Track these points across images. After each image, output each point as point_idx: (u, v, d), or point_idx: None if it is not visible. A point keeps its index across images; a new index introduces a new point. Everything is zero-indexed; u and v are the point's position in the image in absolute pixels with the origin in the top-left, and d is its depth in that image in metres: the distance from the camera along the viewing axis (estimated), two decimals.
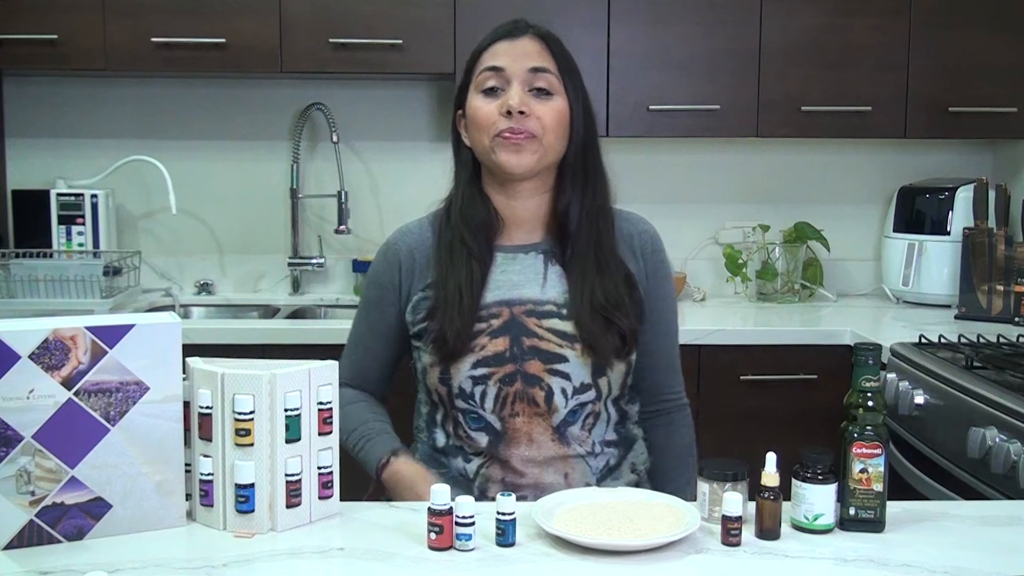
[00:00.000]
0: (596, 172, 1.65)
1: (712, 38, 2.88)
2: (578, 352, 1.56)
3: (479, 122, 1.58)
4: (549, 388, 1.56)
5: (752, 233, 3.21)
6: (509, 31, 1.61)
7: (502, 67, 1.58)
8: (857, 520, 1.32)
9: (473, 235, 1.61)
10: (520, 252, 1.63)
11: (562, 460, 1.57)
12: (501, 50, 1.60)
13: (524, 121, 1.55)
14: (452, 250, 1.61)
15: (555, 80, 1.59)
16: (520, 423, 1.56)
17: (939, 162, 3.26)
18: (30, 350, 1.22)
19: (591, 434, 1.59)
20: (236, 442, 1.28)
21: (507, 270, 1.62)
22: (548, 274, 1.61)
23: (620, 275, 1.61)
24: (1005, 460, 1.78)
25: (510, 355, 1.56)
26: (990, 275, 2.82)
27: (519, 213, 1.64)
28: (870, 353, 1.32)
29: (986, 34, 2.90)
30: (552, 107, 1.58)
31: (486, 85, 1.59)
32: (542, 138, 1.56)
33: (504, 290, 1.60)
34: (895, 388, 2.25)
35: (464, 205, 1.63)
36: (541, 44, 1.61)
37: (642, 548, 1.24)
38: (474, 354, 1.56)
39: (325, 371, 1.34)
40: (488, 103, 1.58)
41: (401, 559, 1.22)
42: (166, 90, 3.15)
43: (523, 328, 1.57)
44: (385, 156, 3.22)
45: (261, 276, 3.25)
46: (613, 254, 1.63)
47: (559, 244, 1.63)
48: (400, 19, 2.82)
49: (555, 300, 1.59)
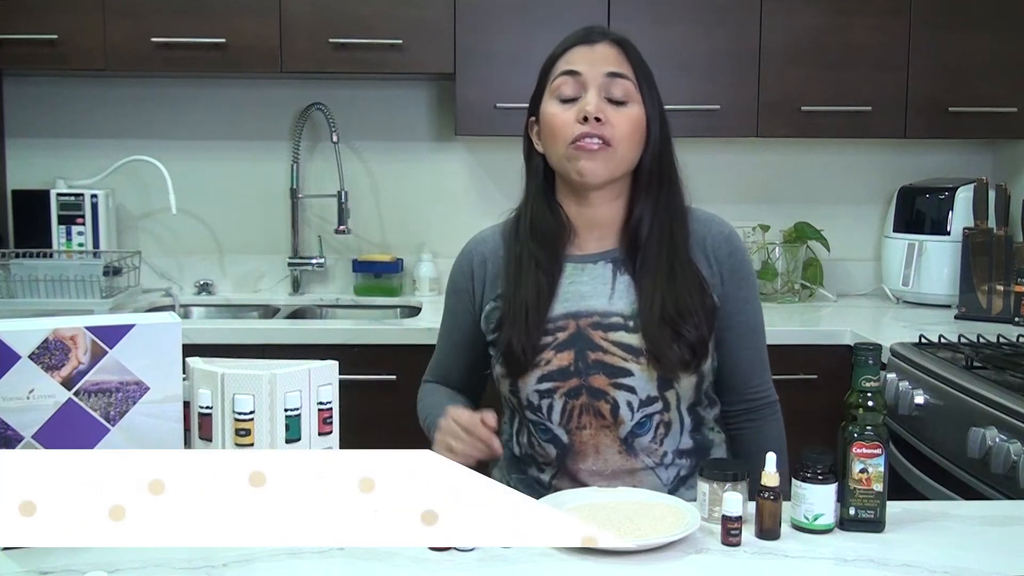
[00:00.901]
0: (671, 178, 1.63)
1: (712, 38, 2.88)
2: (643, 366, 1.54)
3: (555, 129, 1.56)
4: (615, 401, 1.54)
5: (752, 233, 3.21)
6: (585, 36, 1.59)
7: (579, 71, 1.56)
8: (857, 520, 1.32)
9: (542, 248, 1.59)
10: (589, 262, 1.61)
11: (630, 473, 1.56)
12: (577, 56, 1.57)
13: (600, 128, 1.53)
14: (520, 263, 1.59)
15: (632, 87, 1.57)
16: (587, 436, 1.55)
17: (939, 162, 3.26)
18: (30, 350, 1.22)
19: (663, 444, 1.57)
20: (236, 442, 1.28)
21: (575, 281, 1.59)
22: (616, 284, 1.59)
23: (693, 282, 1.58)
24: (1005, 460, 1.78)
25: (575, 369, 1.54)
26: (990, 275, 2.82)
27: (592, 220, 1.61)
28: (870, 353, 1.32)
29: (986, 34, 2.90)
30: (628, 115, 1.56)
31: (562, 90, 1.56)
32: (616, 147, 1.54)
33: (572, 302, 1.58)
34: (895, 388, 2.25)
35: (535, 215, 1.61)
36: (618, 49, 1.59)
37: (642, 548, 1.24)
38: (539, 368, 1.55)
39: (325, 371, 1.34)
40: (565, 110, 1.56)
41: (401, 559, 1.22)
42: (166, 90, 3.15)
43: (588, 342, 1.55)
44: (385, 156, 3.22)
45: (261, 276, 3.25)
46: (687, 260, 1.59)
47: (631, 252, 1.60)
48: (400, 19, 2.82)
49: (622, 312, 1.56)
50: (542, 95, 1.61)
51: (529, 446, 1.61)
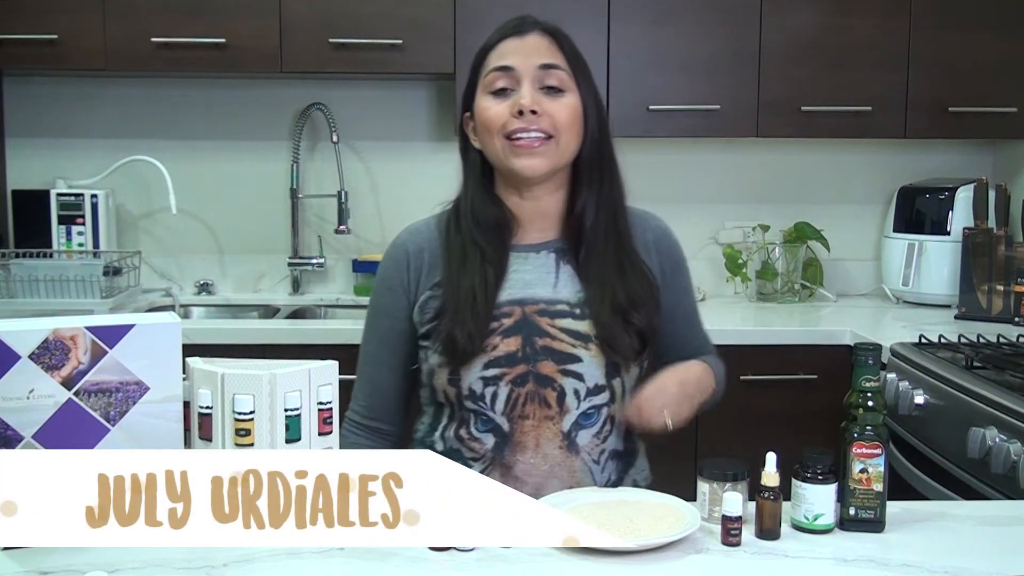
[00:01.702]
0: (612, 168, 1.62)
1: (712, 38, 2.88)
2: (592, 352, 1.53)
3: (489, 124, 1.54)
4: (562, 388, 1.53)
5: (752, 233, 3.21)
6: (516, 28, 1.58)
7: (511, 66, 1.54)
8: (857, 520, 1.32)
9: (487, 237, 1.58)
10: (532, 251, 1.60)
11: (568, 471, 1.54)
12: (509, 49, 1.56)
13: (537, 120, 1.52)
14: (464, 253, 1.57)
15: (566, 76, 1.56)
16: (529, 426, 1.53)
17: (939, 162, 3.26)
18: (30, 350, 1.22)
19: (605, 441, 1.57)
20: (236, 442, 1.28)
21: (519, 269, 1.59)
22: (560, 273, 1.59)
23: (641, 273, 1.59)
24: (1005, 460, 1.78)
25: (522, 355, 1.53)
26: (990, 275, 2.82)
27: (533, 212, 1.60)
28: (870, 353, 1.32)
29: (986, 34, 2.90)
30: (565, 104, 1.54)
31: (495, 86, 1.55)
32: (557, 138, 1.53)
33: (516, 289, 1.57)
34: (895, 388, 2.25)
35: (475, 207, 1.59)
36: (550, 40, 1.57)
37: (642, 548, 1.24)
38: (486, 354, 1.53)
39: (325, 371, 1.34)
40: (498, 103, 1.54)
41: (401, 559, 1.22)
42: (166, 90, 3.15)
43: (535, 328, 1.54)
44: (385, 156, 3.22)
45: (261, 276, 3.25)
46: (633, 251, 1.60)
47: (574, 243, 1.60)
48: (400, 19, 2.82)
49: (568, 300, 1.56)
50: (475, 90, 1.59)
51: (458, 440, 1.57)
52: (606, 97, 2.87)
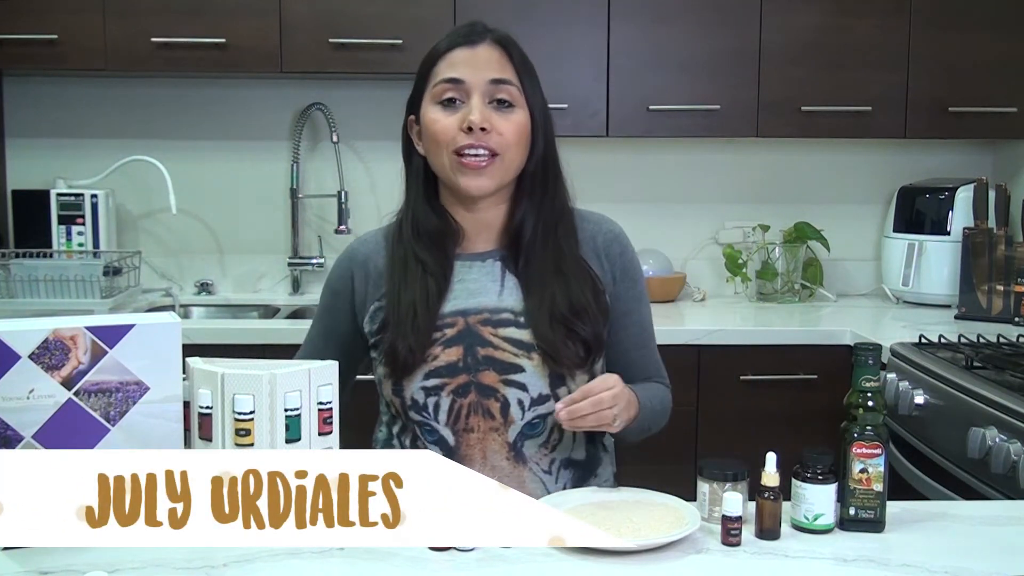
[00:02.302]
0: (555, 181, 1.59)
1: (712, 38, 2.88)
2: (535, 362, 1.51)
3: (437, 137, 1.51)
4: (505, 399, 1.51)
5: (752, 233, 3.21)
6: (467, 37, 1.54)
7: (461, 79, 1.51)
8: (857, 520, 1.32)
9: (428, 250, 1.56)
10: (477, 260, 1.59)
11: (517, 482, 1.51)
12: (459, 59, 1.53)
13: (485, 138, 1.49)
14: (406, 265, 1.55)
15: (516, 91, 1.53)
16: (474, 439, 1.51)
17: (939, 162, 3.26)
18: (30, 350, 1.22)
19: (553, 451, 1.54)
20: (236, 442, 1.28)
21: (464, 278, 1.57)
22: (505, 281, 1.57)
23: (584, 280, 1.56)
24: (1005, 460, 1.78)
25: (463, 365, 1.51)
26: (990, 275, 2.82)
27: (476, 224, 1.59)
28: (870, 353, 1.32)
29: (986, 34, 2.90)
30: (514, 121, 1.52)
31: (443, 96, 1.52)
32: (503, 155, 1.51)
33: (461, 299, 1.55)
34: (895, 388, 2.25)
35: (417, 219, 1.57)
36: (501, 51, 1.54)
37: (642, 548, 1.24)
38: (427, 364, 1.51)
39: (325, 371, 1.34)
40: (446, 116, 1.51)
41: (401, 559, 1.22)
42: (166, 90, 3.15)
43: (478, 337, 1.52)
44: (385, 156, 3.21)
45: (261, 276, 3.25)
46: (576, 260, 1.57)
47: (513, 253, 1.58)
48: (400, 19, 2.82)
49: (512, 308, 1.54)
50: (422, 95, 1.57)
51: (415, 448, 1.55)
52: (606, 97, 2.87)
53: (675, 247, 3.23)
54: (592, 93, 2.88)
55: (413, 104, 1.59)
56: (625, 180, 3.22)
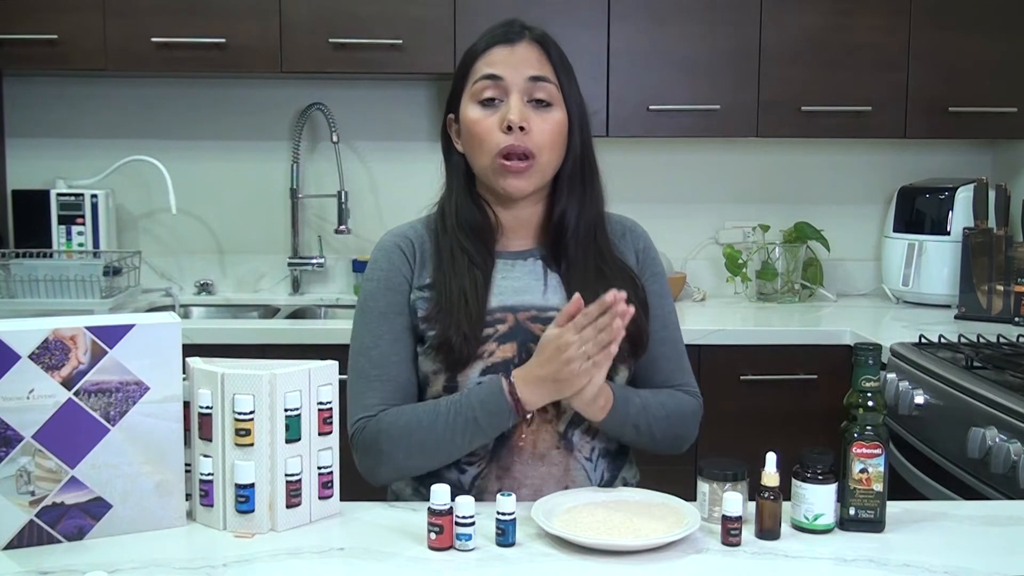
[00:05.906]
0: (592, 179, 1.62)
1: (712, 38, 2.88)
2: None
3: (478, 137, 1.53)
4: None
5: (752, 233, 3.21)
6: (505, 35, 1.56)
7: (500, 76, 1.53)
8: (857, 520, 1.32)
9: (472, 241, 1.57)
10: (518, 259, 1.61)
11: (564, 470, 1.53)
12: (498, 57, 1.54)
13: (524, 138, 1.51)
14: (453, 256, 1.57)
15: (554, 90, 1.55)
16: (528, 432, 1.52)
17: (939, 162, 3.26)
18: (30, 350, 1.22)
19: (595, 438, 1.56)
20: (236, 442, 1.28)
21: (507, 276, 1.59)
22: (548, 280, 1.59)
23: (626, 277, 1.59)
24: (1005, 460, 1.79)
25: (519, 361, 1.51)
26: (990, 275, 2.82)
27: (514, 221, 1.61)
28: (870, 353, 1.32)
29: (986, 34, 2.90)
30: (551, 120, 1.54)
31: (483, 95, 1.54)
32: (539, 156, 1.53)
33: (507, 296, 1.56)
34: (895, 388, 2.25)
35: (460, 211, 1.59)
36: (539, 50, 1.56)
37: (642, 548, 1.24)
38: (482, 360, 1.51)
39: (325, 371, 1.34)
40: (487, 116, 1.53)
41: (401, 559, 1.22)
42: (166, 90, 3.15)
43: (530, 334, 1.53)
44: (385, 156, 3.22)
45: (261, 276, 3.25)
46: (613, 258, 1.61)
47: (554, 252, 1.60)
48: (400, 19, 2.82)
49: (557, 307, 1.55)
50: (461, 93, 1.58)
51: None
52: (606, 97, 2.87)
53: (675, 247, 3.23)
54: (592, 93, 2.87)
55: (452, 103, 1.61)
56: (625, 180, 3.21)
